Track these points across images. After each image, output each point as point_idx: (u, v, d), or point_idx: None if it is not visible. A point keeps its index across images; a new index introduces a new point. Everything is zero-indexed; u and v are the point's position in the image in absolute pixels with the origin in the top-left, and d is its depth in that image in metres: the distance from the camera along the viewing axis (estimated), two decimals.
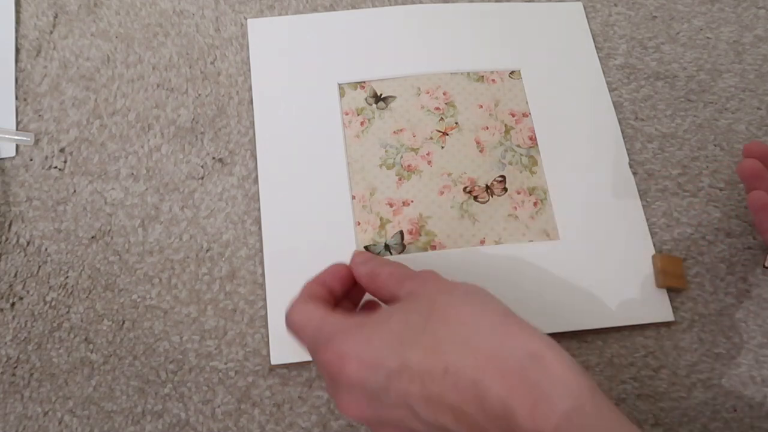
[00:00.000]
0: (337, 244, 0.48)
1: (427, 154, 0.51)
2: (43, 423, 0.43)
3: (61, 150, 0.50)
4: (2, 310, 0.46)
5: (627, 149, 0.52)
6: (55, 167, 0.49)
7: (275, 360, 0.45)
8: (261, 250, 0.48)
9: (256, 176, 0.50)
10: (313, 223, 0.48)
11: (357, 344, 0.33)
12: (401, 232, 0.49)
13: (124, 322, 0.46)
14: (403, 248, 0.48)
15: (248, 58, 0.53)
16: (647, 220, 0.50)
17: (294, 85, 0.52)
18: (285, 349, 0.45)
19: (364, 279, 0.39)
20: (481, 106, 0.53)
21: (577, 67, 0.55)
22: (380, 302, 0.39)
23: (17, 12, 0.54)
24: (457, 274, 0.47)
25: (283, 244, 0.48)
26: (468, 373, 0.30)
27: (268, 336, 0.45)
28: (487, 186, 0.50)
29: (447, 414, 0.31)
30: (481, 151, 0.51)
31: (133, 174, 0.50)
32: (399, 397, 0.32)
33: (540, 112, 0.53)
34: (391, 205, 0.49)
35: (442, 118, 0.52)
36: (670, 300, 0.48)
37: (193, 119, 0.51)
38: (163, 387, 0.44)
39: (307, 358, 0.45)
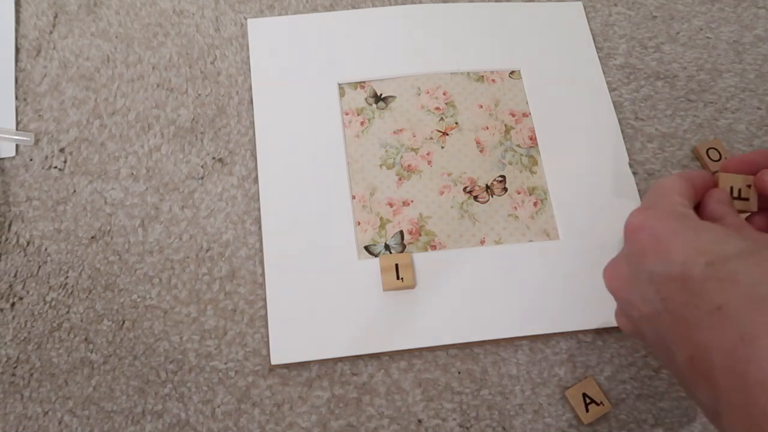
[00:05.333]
0: (337, 244, 0.48)
1: (427, 154, 0.51)
2: (43, 423, 0.43)
3: (61, 150, 0.50)
4: (2, 310, 0.46)
5: (627, 149, 0.52)
6: (55, 167, 0.49)
7: (275, 360, 0.45)
8: (261, 250, 0.48)
9: (256, 176, 0.50)
10: (313, 223, 0.48)
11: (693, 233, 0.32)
12: (401, 232, 0.49)
13: (124, 322, 0.46)
14: (403, 248, 0.48)
15: (248, 58, 0.53)
16: None
17: (294, 85, 0.52)
18: (285, 349, 0.45)
19: None
20: (481, 106, 0.53)
21: (577, 67, 0.55)
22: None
23: (17, 12, 0.54)
24: (457, 274, 0.47)
25: (283, 244, 0.48)
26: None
27: (268, 336, 0.45)
28: (487, 186, 0.50)
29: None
30: (481, 151, 0.51)
31: (133, 174, 0.50)
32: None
33: (540, 112, 0.53)
34: (391, 205, 0.49)
35: (442, 118, 0.52)
36: None
37: (193, 119, 0.51)
38: (163, 387, 0.44)
39: (307, 358, 0.45)
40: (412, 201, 0.50)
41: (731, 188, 0.38)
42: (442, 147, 0.51)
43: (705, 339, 0.29)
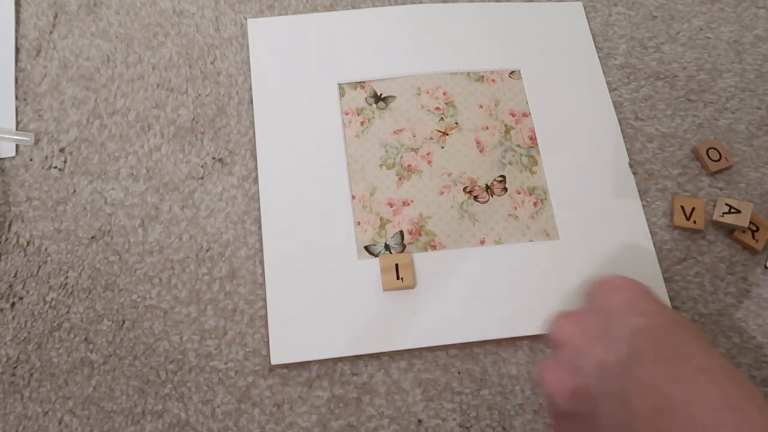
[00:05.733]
0: (337, 244, 0.48)
1: (427, 154, 0.51)
2: (43, 423, 0.43)
3: (61, 150, 0.50)
4: (2, 310, 0.46)
5: (627, 149, 0.52)
6: (55, 167, 0.49)
7: (275, 360, 0.45)
8: (261, 250, 0.48)
9: (256, 176, 0.50)
10: (313, 223, 0.48)
11: None
12: (401, 232, 0.49)
13: (124, 322, 0.46)
14: (403, 248, 0.48)
15: (248, 58, 0.53)
16: (647, 220, 0.50)
17: (294, 85, 0.52)
18: (285, 349, 0.45)
19: None
20: (481, 106, 0.53)
21: (577, 67, 0.55)
22: None
23: (17, 12, 0.54)
24: (457, 274, 0.47)
25: (283, 244, 0.48)
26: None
27: (268, 336, 0.45)
28: (487, 186, 0.50)
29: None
30: (481, 151, 0.51)
31: (133, 174, 0.50)
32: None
33: (540, 112, 0.53)
34: (391, 205, 0.49)
35: (442, 118, 0.52)
36: (670, 300, 0.48)
37: (193, 119, 0.51)
38: (163, 387, 0.44)
39: (307, 358, 0.45)
40: (412, 201, 0.50)
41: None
42: (442, 147, 0.51)
43: (683, 394, 0.28)
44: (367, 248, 0.48)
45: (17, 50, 0.52)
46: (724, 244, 0.50)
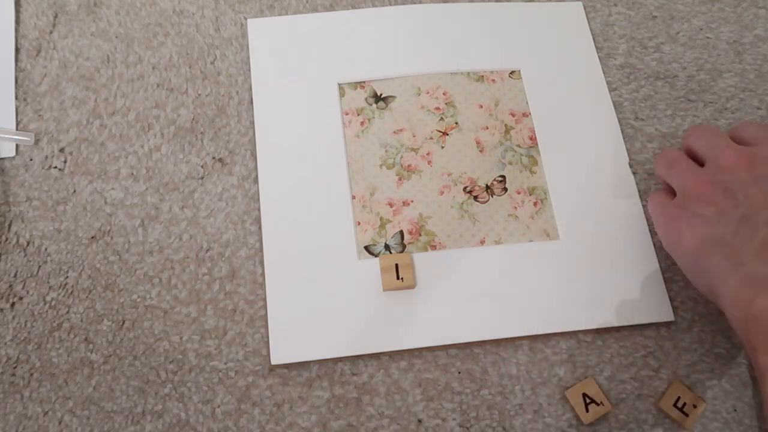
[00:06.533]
0: (337, 244, 0.48)
1: (427, 154, 0.51)
2: (43, 423, 0.43)
3: (61, 150, 0.50)
4: (2, 310, 0.46)
5: (627, 149, 0.53)
6: (55, 167, 0.49)
7: (275, 360, 0.45)
8: (261, 250, 0.48)
9: (256, 176, 0.50)
10: (313, 222, 0.48)
11: None
12: (401, 232, 0.49)
13: (124, 322, 0.46)
14: (403, 248, 0.48)
15: (248, 58, 0.53)
16: (647, 220, 0.50)
17: (294, 85, 0.52)
18: (285, 349, 0.45)
19: None
20: (481, 106, 0.53)
21: (577, 67, 0.55)
22: None
23: (17, 12, 0.54)
24: (457, 274, 0.47)
25: (283, 244, 0.48)
26: None
27: (268, 336, 0.45)
28: (487, 186, 0.50)
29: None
30: (481, 151, 0.51)
31: (133, 174, 0.50)
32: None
33: (540, 112, 0.53)
34: (391, 205, 0.49)
35: (442, 118, 0.52)
36: (670, 300, 0.48)
37: (193, 119, 0.52)
38: (163, 387, 0.44)
39: (307, 358, 0.45)
40: (412, 201, 0.50)
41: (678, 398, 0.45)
42: (442, 147, 0.51)
43: None
44: (367, 248, 0.48)
45: (17, 50, 0.53)
46: None
